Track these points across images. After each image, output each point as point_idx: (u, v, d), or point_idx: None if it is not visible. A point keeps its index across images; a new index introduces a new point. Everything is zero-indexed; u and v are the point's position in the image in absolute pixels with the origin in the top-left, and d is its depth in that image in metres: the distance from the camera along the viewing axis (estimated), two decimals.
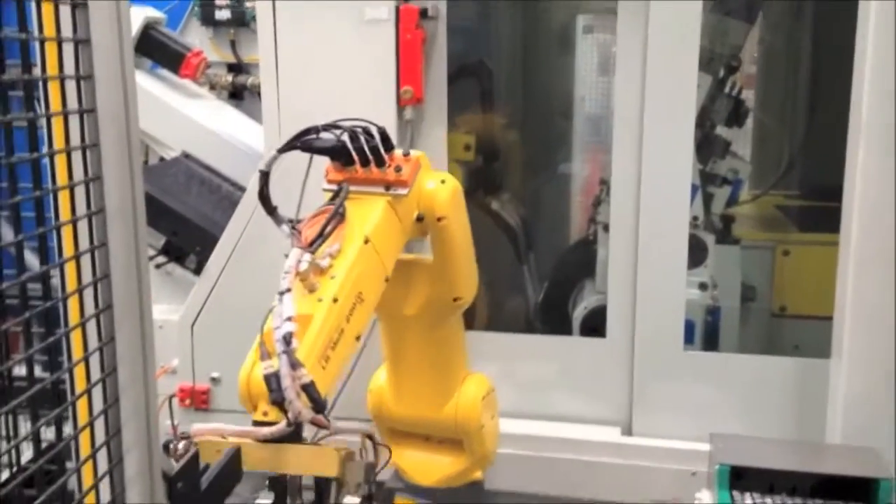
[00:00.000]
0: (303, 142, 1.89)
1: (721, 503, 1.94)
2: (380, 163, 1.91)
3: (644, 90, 2.51)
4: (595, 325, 2.76)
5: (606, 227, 2.72)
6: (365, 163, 1.90)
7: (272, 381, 1.55)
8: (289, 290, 1.65)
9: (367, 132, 1.91)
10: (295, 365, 1.54)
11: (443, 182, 2.04)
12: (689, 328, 2.72)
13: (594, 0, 3.96)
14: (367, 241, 1.81)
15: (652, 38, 2.48)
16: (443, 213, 2.02)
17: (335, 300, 1.70)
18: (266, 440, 1.62)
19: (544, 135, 3.55)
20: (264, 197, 1.89)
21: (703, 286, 2.77)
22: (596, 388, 2.74)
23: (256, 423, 1.64)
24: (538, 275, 3.35)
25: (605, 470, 2.63)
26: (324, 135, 1.89)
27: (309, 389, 1.54)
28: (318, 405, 1.55)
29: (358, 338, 1.78)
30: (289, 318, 1.60)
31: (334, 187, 1.93)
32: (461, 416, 2.28)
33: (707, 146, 2.89)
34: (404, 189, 1.93)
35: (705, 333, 2.81)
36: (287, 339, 1.56)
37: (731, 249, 2.93)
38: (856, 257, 2.25)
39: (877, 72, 2.17)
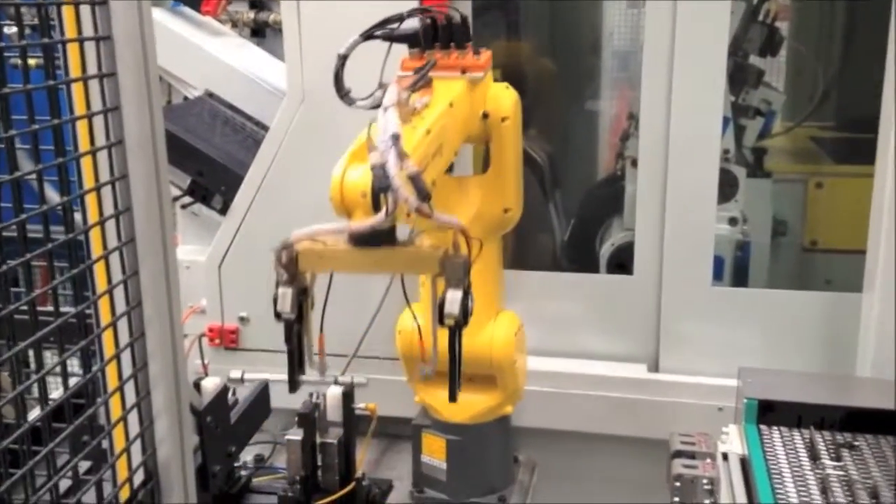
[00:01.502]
0: (384, 31, 2.00)
1: (748, 436, 1.93)
2: (461, 43, 2.03)
3: (675, 17, 2.43)
4: (622, 261, 2.73)
5: (634, 163, 2.67)
6: (446, 44, 2.02)
7: (379, 169, 1.51)
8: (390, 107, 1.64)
9: (448, 17, 2.04)
10: (402, 156, 1.52)
11: (507, 88, 2.17)
12: (719, 264, 2.68)
13: None
14: (451, 105, 1.92)
15: None
16: (507, 114, 2.14)
17: (428, 131, 1.76)
18: (362, 238, 1.60)
19: (572, 70, 3.47)
20: (339, 80, 1.98)
21: (733, 221, 2.72)
22: (623, 326, 2.73)
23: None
24: (565, 212, 3.31)
25: (632, 406, 2.63)
26: (408, 22, 1.99)
27: (416, 178, 1.52)
28: (424, 194, 1.52)
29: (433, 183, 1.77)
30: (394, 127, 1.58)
31: (410, 73, 1.98)
32: (496, 352, 2.30)
33: (739, 76, 2.81)
34: (480, 73, 2.05)
35: (735, 269, 2.77)
36: (395, 137, 1.54)
37: (762, 183, 2.87)
38: (891, 190, 2.19)
39: None
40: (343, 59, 1.97)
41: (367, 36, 2.00)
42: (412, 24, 1.99)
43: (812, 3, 3.00)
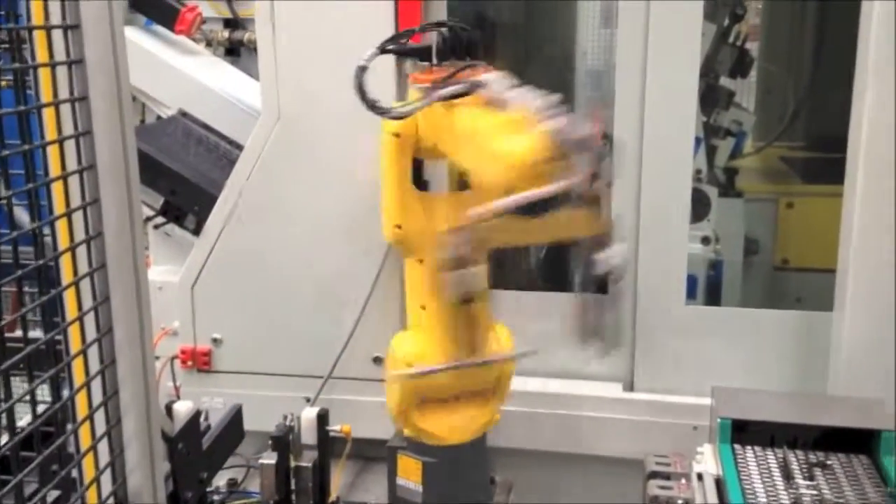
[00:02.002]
0: (398, 45, 2.09)
1: (722, 456, 1.94)
2: (476, 58, 2.06)
3: (647, 38, 2.46)
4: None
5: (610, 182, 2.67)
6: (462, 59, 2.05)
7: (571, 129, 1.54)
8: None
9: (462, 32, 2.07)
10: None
11: None
12: (692, 283, 2.70)
13: None
14: None
15: None
16: None
17: None
18: (535, 206, 1.54)
19: (545, 88, 3.48)
20: (362, 90, 2.00)
21: (705, 240, 2.74)
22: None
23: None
24: None
25: (607, 426, 2.63)
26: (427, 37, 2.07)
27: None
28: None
29: None
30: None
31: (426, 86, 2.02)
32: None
33: (711, 97, 2.84)
34: None
35: (708, 288, 2.79)
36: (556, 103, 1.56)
37: (734, 202, 2.90)
38: (860, 209, 2.22)
39: (883, 19, 2.12)
40: (362, 69, 2.00)
41: (384, 49, 2.08)
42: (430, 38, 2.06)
43: (781, 24, 3.04)
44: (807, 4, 3.03)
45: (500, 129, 1.71)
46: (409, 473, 2.40)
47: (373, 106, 1.99)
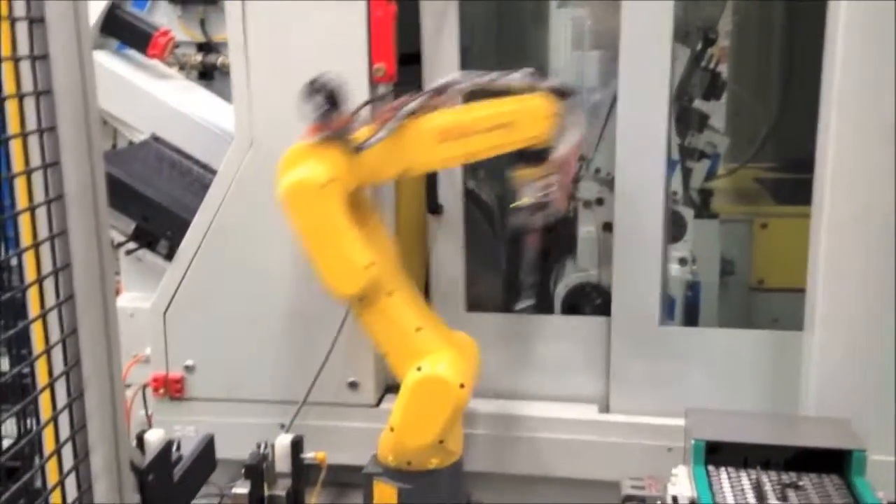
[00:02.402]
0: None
1: (696, 478, 1.94)
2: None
3: (618, 61, 2.48)
4: (576, 302, 2.74)
5: (587, 204, 2.69)
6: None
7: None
8: None
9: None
10: None
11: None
12: (670, 304, 2.72)
13: None
14: None
15: (626, 9, 2.45)
16: None
17: None
18: None
19: None
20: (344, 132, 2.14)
21: (682, 261, 2.76)
22: (574, 366, 2.74)
23: None
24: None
25: (583, 448, 2.63)
26: None
27: None
28: None
29: None
30: None
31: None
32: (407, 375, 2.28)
33: (685, 120, 2.87)
34: None
35: (686, 309, 2.80)
36: None
37: (709, 224, 2.92)
38: (828, 230, 2.25)
39: (849, 41, 2.15)
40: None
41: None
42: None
43: (749, 47, 3.08)
44: (774, 27, 3.07)
45: (507, 100, 2.12)
46: (385, 499, 2.39)
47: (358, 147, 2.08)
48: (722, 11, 2.91)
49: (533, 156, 2.24)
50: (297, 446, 2.33)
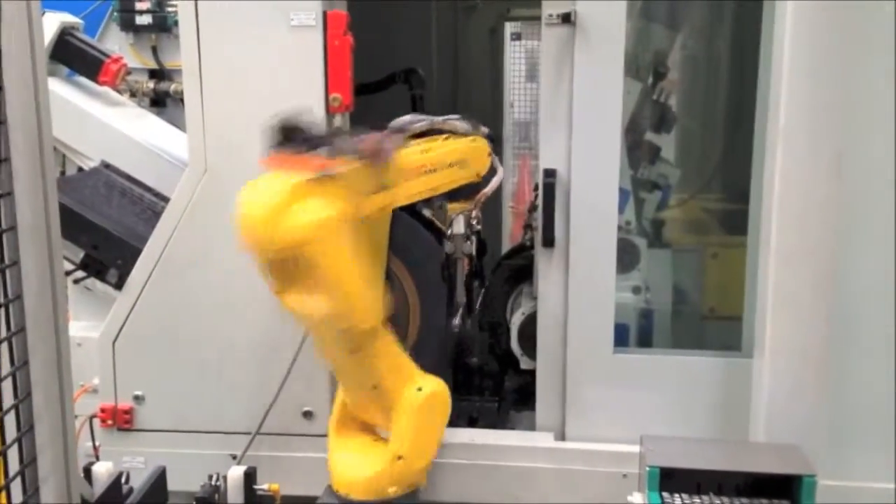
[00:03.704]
0: None
1: None
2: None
3: (571, 94, 2.52)
4: (533, 331, 2.76)
5: None
6: None
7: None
8: None
9: None
10: None
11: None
12: (624, 332, 2.74)
13: (522, 8, 3.99)
14: None
15: (578, 42, 2.50)
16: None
17: None
18: None
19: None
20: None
21: (636, 290, 2.80)
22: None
23: None
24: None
25: (539, 476, 2.63)
26: None
27: None
28: None
29: None
30: None
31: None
32: (403, 399, 2.28)
33: (638, 152, 2.92)
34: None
35: (639, 337, 2.83)
36: None
37: (662, 253, 2.96)
38: (776, 261, 2.29)
39: (794, 75, 2.21)
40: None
41: None
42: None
43: (698, 79, 3.15)
44: (721, 61, 3.15)
45: (461, 141, 2.47)
46: None
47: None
48: (672, 46, 2.98)
49: (462, 192, 2.55)
50: (249, 477, 2.30)
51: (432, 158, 2.37)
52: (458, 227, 2.64)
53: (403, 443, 2.29)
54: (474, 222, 2.68)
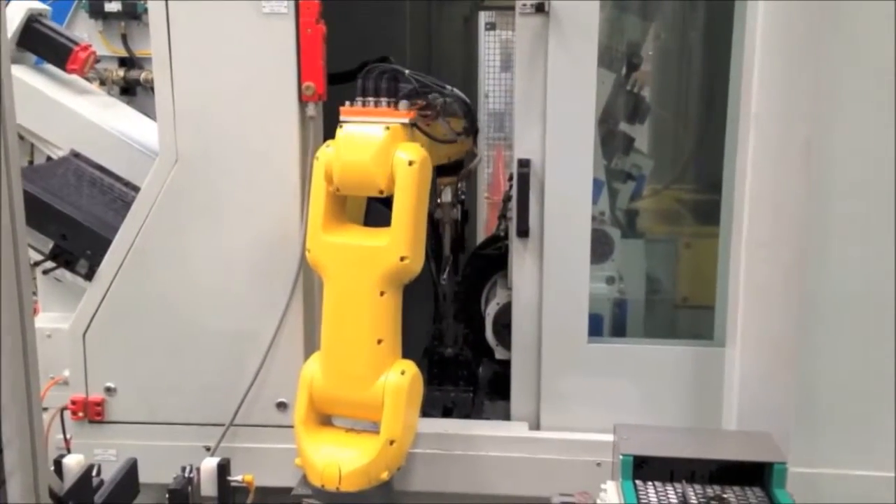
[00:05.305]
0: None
1: (625, 492, 1.97)
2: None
3: (546, 85, 2.52)
4: (508, 321, 2.76)
5: None
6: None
7: None
8: None
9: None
10: None
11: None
12: (598, 322, 2.75)
13: None
14: None
15: (552, 32, 2.49)
16: (414, 158, 2.33)
17: None
18: None
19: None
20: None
21: (610, 280, 2.81)
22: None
23: None
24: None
25: (514, 465, 2.64)
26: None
27: None
28: None
29: None
30: None
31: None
32: (389, 383, 2.32)
33: (611, 143, 2.93)
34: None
35: (613, 326, 2.85)
36: None
37: (636, 243, 2.98)
38: (747, 249, 2.31)
39: (765, 62, 2.22)
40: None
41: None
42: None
43: (671, 70, 3.16)
44: (693, 52, 3.17)
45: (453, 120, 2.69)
46: None
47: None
48: (645, 37, 2.99)
49: (450, 168, 2.86)
50: (223, 469, 2.29)
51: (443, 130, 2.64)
52: (447, 196, 2.91)
53: (396, 427, 2.31)
54: (460, 193, 3.06)
